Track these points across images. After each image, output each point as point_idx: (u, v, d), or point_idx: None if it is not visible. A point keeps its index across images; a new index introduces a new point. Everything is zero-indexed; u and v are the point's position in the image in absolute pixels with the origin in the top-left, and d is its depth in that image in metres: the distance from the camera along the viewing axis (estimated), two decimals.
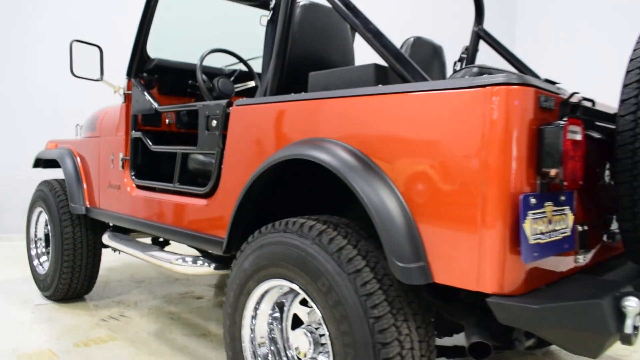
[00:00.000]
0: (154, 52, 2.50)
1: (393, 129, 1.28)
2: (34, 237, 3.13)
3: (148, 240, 2.72)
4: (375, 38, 1.43)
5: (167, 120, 2.57)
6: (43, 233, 3.08)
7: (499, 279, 1.10)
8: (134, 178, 2.38)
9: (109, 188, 2.53)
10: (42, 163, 3.13)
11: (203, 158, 2.04)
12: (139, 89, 2.36)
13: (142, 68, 2.45)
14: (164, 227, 2.10)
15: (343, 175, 1.30)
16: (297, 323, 1.53)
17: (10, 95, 5.06)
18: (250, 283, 1.51)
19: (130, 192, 2.36)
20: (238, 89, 2.50)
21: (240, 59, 2.59)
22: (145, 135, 2.33)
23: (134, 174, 2.39)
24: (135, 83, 2.39)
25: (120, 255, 3.73)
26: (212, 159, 1.93)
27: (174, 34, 2.78)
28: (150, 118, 2.45)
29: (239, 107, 1.75)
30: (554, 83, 1.43)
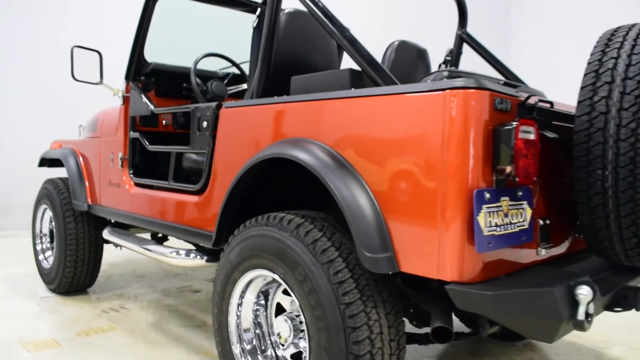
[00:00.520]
0: (151, 56, 2.61)
1: (364, 130, 1.38)
2: (39, 233, 3.26)
3: (147, 236, 2.84)
4: (350, 44, 1.53)
5: (164, 122, 2.68)
6: (48, 229, 3.21)
7: (458, 268, 1.20)
8: (132, 176, 2.49)
9: (109, 186, 2.64)
10: (47, 162, 3.25)
11: (196, 157, 2.15)
12: (137, 92, 2.47)
13: (139, 72, 2.56)
14: (160, 222, 2.21)
15: (318, 173, 1.40)
16: (281, 311, 1.64)
17: (16, 98, 5.22)
18: (236, 273, 1.62)
19: (129, 189, 2.47)
20: (231, 91, 2.61)
21: (233, 63, 2.70)
22: (143, 136, 2.45)
23: (133, 173, 2.50)
24: (133, 86, 2.50)
25: (123, 252, 3.86)
26: (203, 158, 2.04)
27: (171, 39, 2.89)
28: (148, 119, 2.56)
29: (227, 109, 1.85)
30: (516, 86, 1.53)
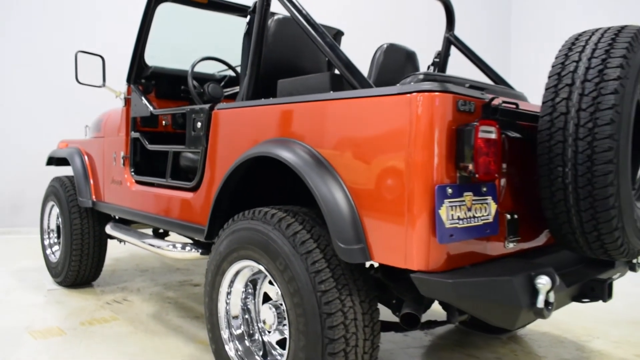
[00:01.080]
0: (151, 60, 2.74)
1: (341, 130, 1.48)
2: (47, 228, 3.41)
3: (149, 231, 2.97)
4: (330, 49, 1.64)
5: (163, 122, 2.81)
6: (55, 225, 3.35)
7: (423, 258, 1.30)
8: (134, 174, 2.62)
9: (112, 183, 2.78)
10: (54, 161, 3.40)
11: (191, 156, 2.27)
12: (137, 94, 2.60)
13: (140, 75, 2.69)
14: (159, 217, 2.34)
15: (299, 171, 1.51)
16: (267, 300, 1.75)
17: (28, 99, 5.40)
18: (225, 264, 1.74)
19: (130, 187, 2.60)
20: (227, 93, 2.72)
21: (229, 66, 2.81)
22: (143, 136, 2.58)
23: (134, 171, 2.63)
24: (134, 89, 2.63)
25: (128, 247, 4.01)
26: (198, 157, 2.16)
27: (170, 44, 3.01)
28: (149, 120, 2.69)
29: (219, 110, 1.97)
30: (484, 89, 1.62)
